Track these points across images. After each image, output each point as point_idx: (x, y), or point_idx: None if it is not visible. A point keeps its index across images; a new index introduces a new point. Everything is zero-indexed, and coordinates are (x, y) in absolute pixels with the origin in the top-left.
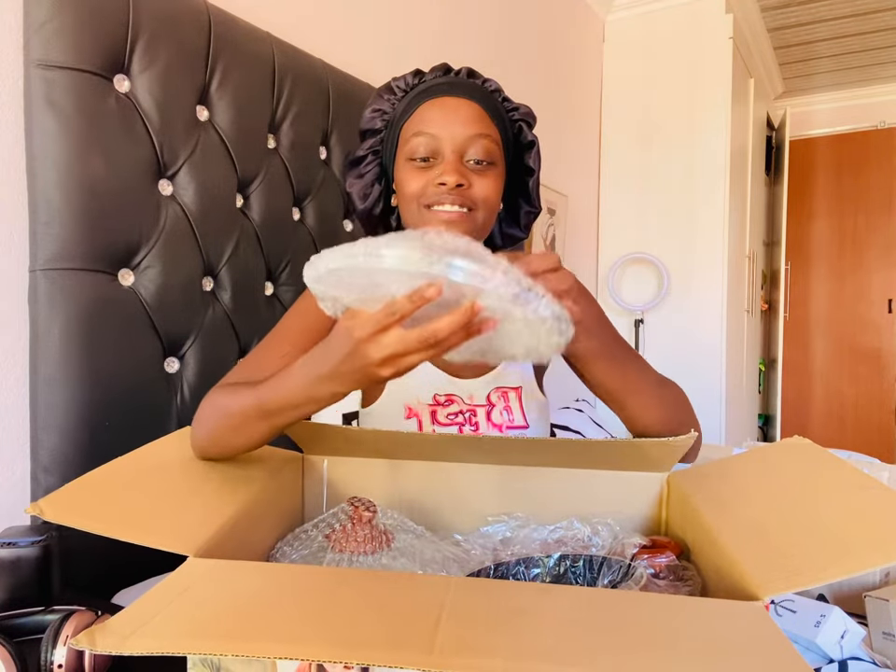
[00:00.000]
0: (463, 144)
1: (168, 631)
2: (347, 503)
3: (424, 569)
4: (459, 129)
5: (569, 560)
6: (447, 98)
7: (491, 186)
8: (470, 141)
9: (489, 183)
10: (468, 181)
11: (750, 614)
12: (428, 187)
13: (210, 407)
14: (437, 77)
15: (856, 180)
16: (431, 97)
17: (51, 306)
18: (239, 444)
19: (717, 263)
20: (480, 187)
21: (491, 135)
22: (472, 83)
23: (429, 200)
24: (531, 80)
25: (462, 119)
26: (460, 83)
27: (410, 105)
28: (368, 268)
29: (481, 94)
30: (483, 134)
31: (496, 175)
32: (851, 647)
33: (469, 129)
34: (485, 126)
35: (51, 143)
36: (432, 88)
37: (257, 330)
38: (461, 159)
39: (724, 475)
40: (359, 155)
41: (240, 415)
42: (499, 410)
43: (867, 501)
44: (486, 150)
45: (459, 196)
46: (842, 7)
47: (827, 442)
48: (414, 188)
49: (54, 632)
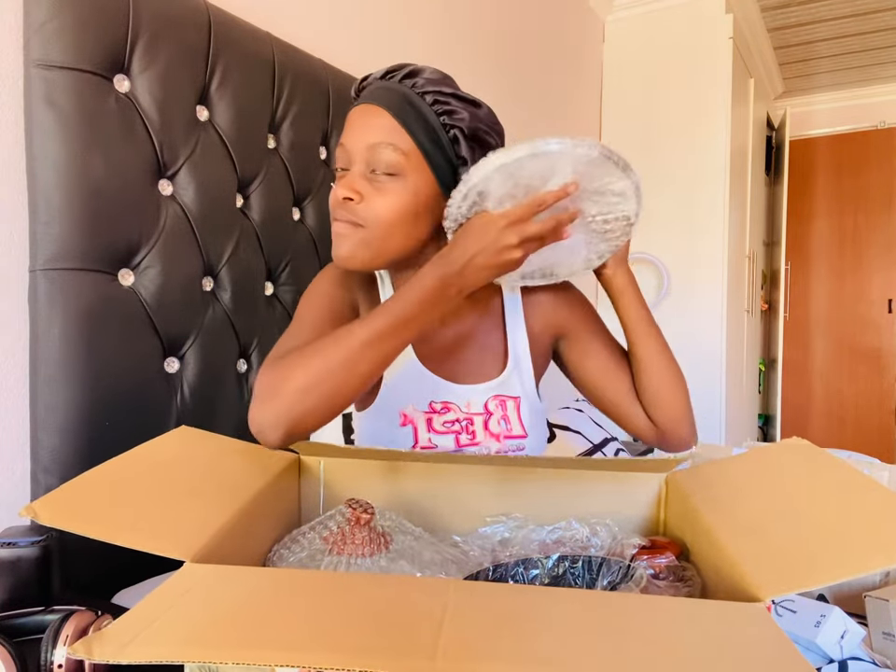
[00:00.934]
0: (363, 154)
1: (165, 638)
2: (345, 505)
3: (423, 571)
4: (362, 138)
5: (568, 561)
6: (360, 106)
7: (384, 202)
8: (369, 151)
9: (383, 199)
10: (359, 195)
11: (753, 615)
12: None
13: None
14: (372, 82)
15: (856, 180)
16: (355, 104)
17: (51, 306)
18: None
19: (717, 263)
20: (370, 203)
21: (394, 144)
22: (384, 87)
23: (331, 211)
24: (531, 80)
25: (363, 127)
26: (373, 88)
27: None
28: (538, 153)
29: (391, 99)
30: (384, 143)
31: (396, 191)
32: (851, 647)
33: (369, 138)
34: (387, 134)
35: (51, 143)
36: (359, 94)
37: (257, 330)
38: (365, 170)
39: (724, 475)
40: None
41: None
42: (497, 419)
43: (867, 502)
44: (386, 162)
45: (344, 211)
46: (842, 7)
47: (827, 442)
48: (331, 197)
49: (54, 632)
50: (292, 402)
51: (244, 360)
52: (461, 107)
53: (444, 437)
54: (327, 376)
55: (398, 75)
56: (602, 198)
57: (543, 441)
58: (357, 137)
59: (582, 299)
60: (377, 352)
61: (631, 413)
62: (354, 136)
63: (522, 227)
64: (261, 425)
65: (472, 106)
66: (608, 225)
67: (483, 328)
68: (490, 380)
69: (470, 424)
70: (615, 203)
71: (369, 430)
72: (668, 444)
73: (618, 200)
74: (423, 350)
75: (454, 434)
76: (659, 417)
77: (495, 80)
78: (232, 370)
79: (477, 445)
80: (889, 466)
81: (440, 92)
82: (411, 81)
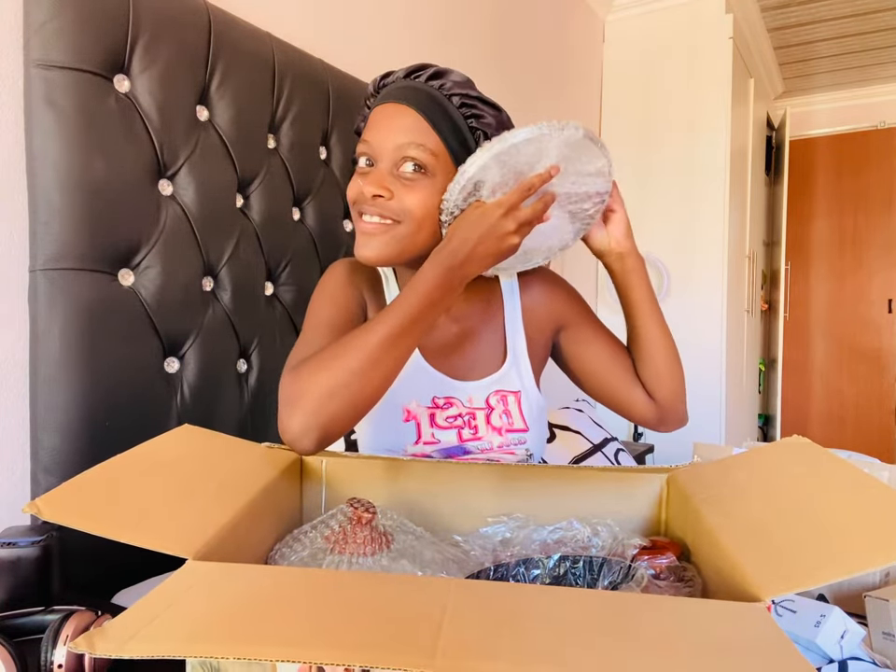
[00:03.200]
0: (393, 153)
1: (167, 634)
2: (346, 504)
3: (424, 571)
4: (390, 137)
5: (569, 561)
6: (385, 105)
7: (417, 198)
8: (400, 150)
9: (415, 195)
10: (389, 192)
11: (752, 615)
12: (360, 194)
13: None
14: (386, 80)
15: (856, 180)
16: (379, 103)
17: (51, 306)
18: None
19: (717, 263)
20: (402, 199)
21: (424, 144)
22: (412, 87)
23: (359, 208)
24: (531, 80)
25: (394, 126)
26: (400, 87)
27: (369, 110)
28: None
29: (420, 99)
30: (415, 143)
31: (426, 187)
32: (851, 647)
33: (399, 137)
34: (418, 135)
35: (51, 143)
36: (383, 93)
37: (257, 330)
38: (392, 168)
39: (724, 475)
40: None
41: (366, 355)
42: (499, 413)
43: (867, 500)
44: (416, 161)
45: (377, 207)
46: (842, 7)
47: (827, 442)
48: (351, 194)
49: (54, 632)
50: (318, 407)
51: (244, 360)
52: (486, 111)
53: (447, 432)
54: (350, 379)
55: (423, 75)
56: (580, 178)
57: (544, 435)
58: (385, 135)
59: (577, 293)
60: (395, 350)
61: (632, 397)
62: (382, 134)
63: (516, 213)
64: (292, 433)
65: (494, 110)
66: (584, 204)
67: (484, 324)
68: (490, 375)
69: (473, 418)
70: (591, 183)
71: (372, 426)
72: (668, 422)
73: (593, 179)
74: (426, 347)
75: (456, 429)
76: (661, 393)
77: (494, 80)
78: (232, 370)
79: (479, 440)
80: (889, 466)
81: (466, 95)
82: (437, 82)
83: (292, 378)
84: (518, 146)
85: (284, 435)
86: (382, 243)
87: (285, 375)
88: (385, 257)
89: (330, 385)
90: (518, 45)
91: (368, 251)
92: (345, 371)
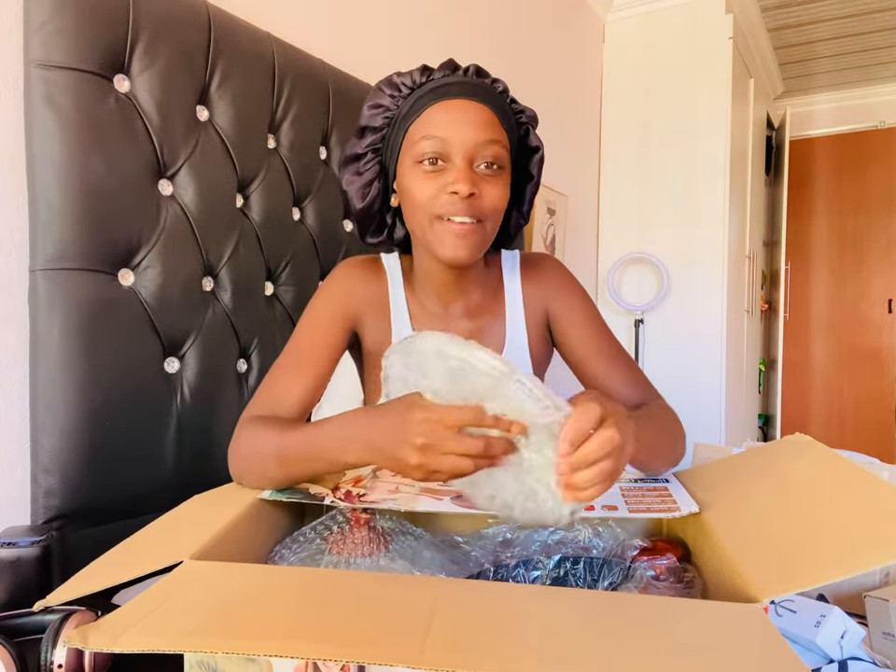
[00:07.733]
0: (473, 149)
1: (162, 629)
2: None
3: (422, 571)
4: (470, 133)
5: (570, 562)
6: (457, 100)
7: (500, 194)
8: (481, 147)
9: (498, 191)
10: (478, 190)
11: (748, 616)
12: (440, 195)
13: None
14: (445, 76)
15: (856, 180)
16: (440, 98)
17: (51, 306)
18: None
19: (717, 263)
20: (489, 196)
21: (501, 140)
22: (482, 84)
23: (441, 210)
24: (531, 80)
25: (472, 122)
26: (469, 84)
27: (416, 104)
28: (465, 359)
29: (490, 96)
30: (494, 140)
31: (504, 182)
32: (851, 647)
33: (480, 134)
34: (495, 131)
35: (51, 143)
36: (441, 88)
37: (257, 330)
38: (471, 165)
39: (724, 475)
40: (358, 152)
41: (267, 460)
42: None
43: (867, 499)
44: (496, 156)
45: (471, 206)
46: (842, 7)
47: (827, 442)
48: (424, 195)
49: (54, 632)
50: (239, 474)
51: (244, 360)
52: (521, 106)
53: None
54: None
55: (483, 74)
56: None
57: None
58: (464, 132)
59: (571, 280)
60: (290, 469)
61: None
62: (460, 131)
63: (437, 429)
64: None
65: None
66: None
67: (488, 318)
68: None
69: None
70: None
71: None
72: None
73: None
74: None
75: None
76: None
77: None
78: (232, 370)
79: None
80: (889, 466)
81: (507, 92)
82: (489, 80)
83: (239, 429)
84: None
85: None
86: (473, 243)
87: (242, 417)
88: (476, 256)
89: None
90: (518, 44)
91: (464, 252)
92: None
